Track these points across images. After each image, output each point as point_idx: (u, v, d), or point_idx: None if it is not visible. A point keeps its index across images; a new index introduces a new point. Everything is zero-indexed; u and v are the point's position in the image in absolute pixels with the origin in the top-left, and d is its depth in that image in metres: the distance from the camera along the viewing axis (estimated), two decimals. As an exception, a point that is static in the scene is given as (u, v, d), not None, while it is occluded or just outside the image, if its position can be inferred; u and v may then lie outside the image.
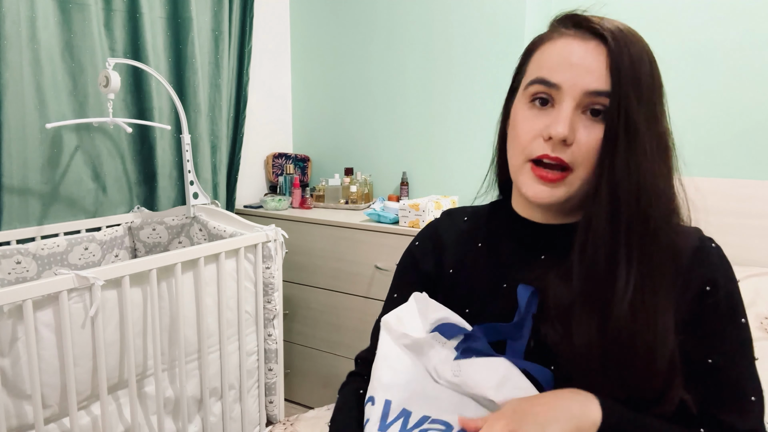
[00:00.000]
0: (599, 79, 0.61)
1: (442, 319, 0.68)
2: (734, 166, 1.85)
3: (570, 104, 0.62)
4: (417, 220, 2.03)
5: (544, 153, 0.63)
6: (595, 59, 0.62)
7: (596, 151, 0.62)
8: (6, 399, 1.26)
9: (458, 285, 0.75)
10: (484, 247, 0.76)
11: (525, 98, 0.67)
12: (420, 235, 0.85)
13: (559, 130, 0.61)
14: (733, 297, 0.64)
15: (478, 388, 0.59)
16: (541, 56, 0.66)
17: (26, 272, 1.68)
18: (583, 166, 0.62)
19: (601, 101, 0.61)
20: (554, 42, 0.66)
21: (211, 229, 1.97)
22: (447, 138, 2.39)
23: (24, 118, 1.71)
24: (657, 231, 0.61)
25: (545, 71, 0.64)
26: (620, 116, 0.60)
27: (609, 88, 0.61)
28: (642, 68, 0.62)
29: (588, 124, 0.62)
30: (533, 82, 0.65)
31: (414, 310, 0.69)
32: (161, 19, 2.09)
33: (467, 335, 0.66)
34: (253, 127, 2.59)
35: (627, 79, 0.60)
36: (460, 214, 0.83)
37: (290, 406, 2.41)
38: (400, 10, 2.42)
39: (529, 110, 0.66)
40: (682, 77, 1.91)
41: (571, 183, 0.63)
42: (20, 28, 1.67)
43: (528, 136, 0.65)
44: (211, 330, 1.75)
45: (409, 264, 0.83)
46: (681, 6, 1.89)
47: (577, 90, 0.62)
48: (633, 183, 0.60)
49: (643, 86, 0.61)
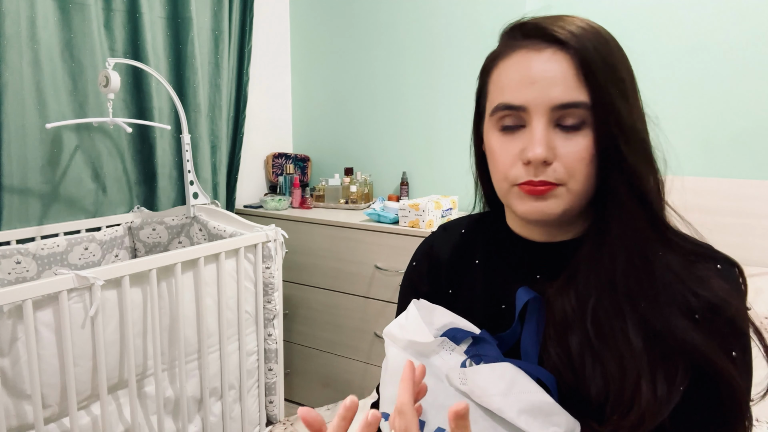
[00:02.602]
0: (566, 90, 0.57)
1: (448, 324, 0.67)
2: (734, 166, 1.85)
3: (541, 123, 0.58)
4: (417, 220, 2.03)
5: (528, 179, 0.59)
6: (557, 68, 0.57)
7: (582, 162, 0.58)
8: (6, 399, 1.26)
9: (457, 305, 0.73)
10: (480, 266, 0.74)
11: (493, 124, 0.63)
12: (416, 255, 0.82)
13: (537, 152, 0.57)
14: (728, 327, 0.58)
15: (485, 397, 0.58)
16: (500, 77, 0.62)
17: (26, 272, 1.68)
18: (573, 179, 0.59)
19: (573, 113, 0.58)
20: (509, 58, 0.61)
21: (211, 229, 1.97)
22: (447, 138, 2.39)
23: (24, 118, 1.71)
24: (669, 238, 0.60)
25: (507, 94, 0.60)
26: (611, 121, 0.57)
27: (581, 98, 0.57)
28: (618, 63, 0.58)
29: (566, 137, 0.58)
30: (497, 109, 0.61)
31: (417, 317, 0.68)
32: (161, 19, 2.09)
33: (476, 338, 0.66)
34: (253, 127, 2.59)
35: (605, 80, 0.57)
36: (457, 228, 0.80)
37: (290, 406, 2.41)
38: (400, 10, 2.42)
39: (501, 137, 0.62)
40: (682, 77, 1.91)
41: (563, 197, 0.60)
42: (20, 28, 1.67)
43: (507, 163, 0.61)
44: (211, 330, 1.75)
45: (409, 288, 0.81)
46: (681, 6, 1.89)
47: (542, 107, 0.58)
48: (648, 183, 0.59)
49: (626, 82, 0.58)
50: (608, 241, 0.60)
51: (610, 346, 0.58)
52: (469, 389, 0.59)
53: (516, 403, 0.57)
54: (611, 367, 0.57)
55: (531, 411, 0.58)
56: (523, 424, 0.56)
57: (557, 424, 0.58)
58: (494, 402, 0.58)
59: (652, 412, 0.55)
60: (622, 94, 0.58)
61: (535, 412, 0.58)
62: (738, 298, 0.59)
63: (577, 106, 0.57)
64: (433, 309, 0.69)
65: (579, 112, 0.58)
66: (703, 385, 0.57)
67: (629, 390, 0.56)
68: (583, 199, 0.61)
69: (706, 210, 1.82)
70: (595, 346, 0.58)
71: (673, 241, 0.61)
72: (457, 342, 0.66)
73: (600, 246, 0.61)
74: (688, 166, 1.92)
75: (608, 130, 0.57)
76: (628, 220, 0.59)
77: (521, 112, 0.59)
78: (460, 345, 0.66)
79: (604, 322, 0.59)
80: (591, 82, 0.57)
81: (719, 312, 0.58)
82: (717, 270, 0.59)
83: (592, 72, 0.57)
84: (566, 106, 0.57)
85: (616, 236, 0.60)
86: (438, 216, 2.08)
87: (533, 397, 0.59)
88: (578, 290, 0.61)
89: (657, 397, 0.55)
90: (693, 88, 1.90)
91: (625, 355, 0.57)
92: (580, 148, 0.58)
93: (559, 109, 0.58)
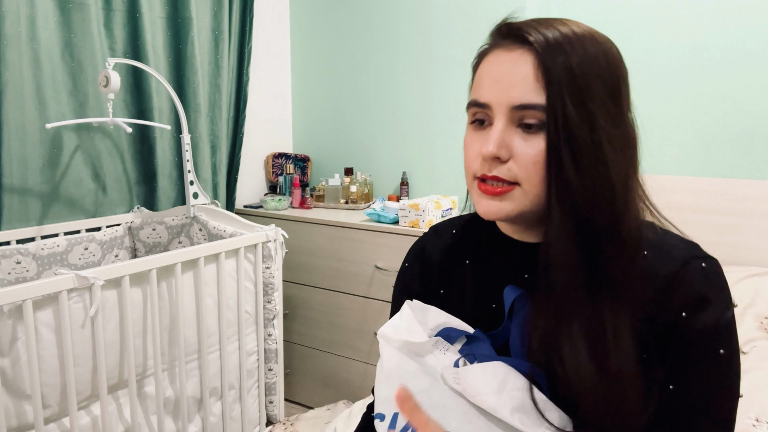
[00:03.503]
0: (524, 92, 0.58)
1: (442, 324, 0.67)
2: (734, 166, 1.85)
3: (500, 121, 0.60)
4: (417, 220, 2.03)
5: (482, 173, 0.62)
6: (521, 69, 0.58)
7: (537, 164, 0.59)
8: (6, 399, 1.26)
9: (448, 305, 0.73)
10: (471, 266, 0.75)
11: (469, 120, 0.66)
12: (408, 256, 0.83)
13: (488, 149, 0.59)
14: (715, 325, 0.58)
15: (478, 396, 0.59)
16: (479, 74, 0.64)
17: (26, 272, 1.68)
18: (527, 180, 0.59)
19: (530, 114, 0.58)
20: (488, 56, 0.63)
21: (211, 229, 1.97)
22: (447, 138, 2.39)
23: (24, 118, 1.71)
24: (627, 244, 0.59)
25: (477, 91, 0.63)
26: (558, 128, 0.57)
27: (538, 100, 0.57)
28: (586, 70, 0.57)
29: (525, 137, 0.59)
30: (470, 105, 0.64)
31: (411, 318, 0.68)
32: (161, 19, 2.09)
33: (470, 337, 0.66)
34: (253, 127, 2.59)
35: (561, 87, 0.56)
36: (449, 228, 0.81)
37: (290, 406, 2.41)
38: (400, 10, 2.42)
39: (472, 131, 0.65)
40: (682, 77, 1.91)
41: (517, 197, 0.61)
42: (20, 28, 1.67)
43: (471, 156, 0.64)
44: (211, 330, 1.75)
45: (402, 289, 0.82)
46: (681, 5, 1.89)
47: (503, 106, 0.59)
48: (588, 197, 0.58)
49: (590, 90, 0.57)
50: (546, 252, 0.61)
51: (590, 346, 0.58)
52: (462, 388, 0.59)
53: (509, 401, 0.58)
54: (592, 365, 0.57)
55: (524, 409, 0.58)
56: (518, 423, 0.57)
57: (550, 420, 0.59)
58: (487, 401, 0.58)
59: (635, 411, 0.56)
60: (580, 102, 0.57)
61: (528, 409, 0.58)
62: (723, 294, 0.59)
63: (534, 108, 0.58)
64: (426, 309, 0.69)
65: (537, 114, 0.58)
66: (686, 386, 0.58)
67: (613, 390, 0.56)
68: (541, 201, 0.60)
69: (706, 210, 1.83)
70: (576, 346, 0.59)
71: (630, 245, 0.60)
72: (452, 341, 0.66)
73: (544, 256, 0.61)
74: (687, 167, 1.92)
75: (556, 134, 0.57)
76: (558, 230, 0.59)
77: (486, 110, 0.61)
78: (455, 344, 0.66)
79: (583, 322, 0.59)
80: (548, 84, 0.57)
81: (706, 309, 0.58)
82: (702, 268, 0.59)
83: (549, 75, 0.57)
84: (524, 107, 0.58)
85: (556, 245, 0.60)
86: (438, 216, 2.08)
87: (526, 394, 0.59)
88: (557, 292, 0.61)
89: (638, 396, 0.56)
90: (693, 88, 1.90)
91: (606, 354, 0.57)
92: (535, 151, 0.59)
93: (518, 109, 0.59)
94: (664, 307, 0.59)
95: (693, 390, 0.58)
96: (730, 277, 1.68)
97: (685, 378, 0.58)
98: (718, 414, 0.58)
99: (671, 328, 0.59)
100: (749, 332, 1.49)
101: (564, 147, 0.57)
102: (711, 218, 1.82)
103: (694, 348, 0.58)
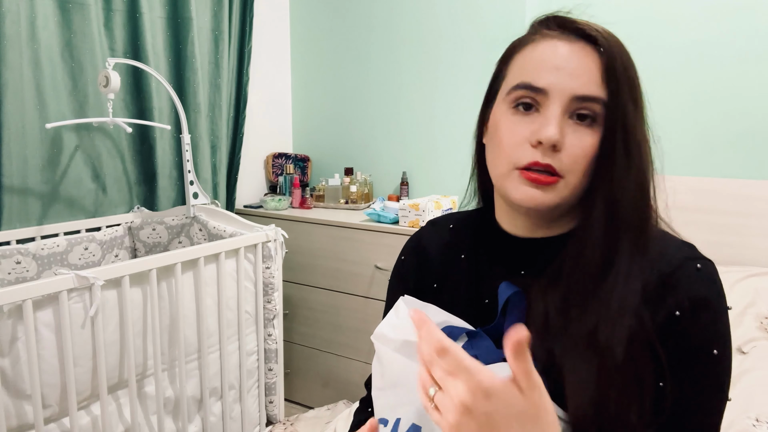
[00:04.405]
0: (588, 84, 0.59)
1: (442, 323, 0.67)
2: (734, 166, 1.85)
3: (557, 108, 0.59)
4: (417, 220, 2.03)
5: (534, 160, 0.59)
6: (582, 62, 0.59)
7: (585, 158, 0.59)
8: (6, 399, 1.26)
9: (441, 300, 0.73)
10: (466, 260, 0.74)
11: (507, 104, 0.63)
12: (405, 250, 0.83)
13: (550, 133, 0.57)
14: (709, 325, 0.58)
15: None
16: (523, 60, 0.63)
17: (26, 272, 1.68)
18: (572, 173, 0.59)
19: (589, 106, 0.59)
20: (537, 44, 0.62)
21: (211, 229, 1.97)
22: (447, 138, 2.39)
23: (24, 118, 1.71)
24: (650, 242, 0.60)
25: (529, 75, 0.61)
26: (618, 125, 0.58)
27: (600, 94, 0.59)
28: (633, 73, 0.61)
29: (576, 129, 0.59)
30: (517, 87, 0.61)
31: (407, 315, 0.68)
32: (161, 19, 2.09)
33: (470, 334, 0.66)
34: (253, 127, 2.59)
35: (623, 86, 0.59)
36: (446, 223, 0.81)
37: (290, 406, 2.41)
38: (400, 10, 2.42)
39: (512, 116, 0.62)
40: (682, 77, 1.91)
41: (560, 190, 0.60)
42: (20, 28, 1.67)
43: (513, 143, 0.61)
44: (211, 330, 1.75)
45: (397, 283, 0.82)
46: (682, 5, 1.89)
47: (565, 94, 0.59)
48: (630, 195, 0.59)
49: (638, 90, 0.61)
50: (582, 245, 0.61)
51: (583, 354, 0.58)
52: None
53: None
54: (586, 376, 0.57)
55: None
56: None
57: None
58: None
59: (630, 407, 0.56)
60: (634, 100, 0.60)
61: None
62: (718, 295, 0.59)
63: (595, 101, 0.59)
64: (425, 307, 0.69)
65: (595, 107, 0.59)
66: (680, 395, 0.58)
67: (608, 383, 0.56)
68: (576, 194, 0.62)
69: (706, 210, 1.82)
70: (570, 353, 0.59)
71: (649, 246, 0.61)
72: (454, 339, 0.66)
73: (578, 248, 0.62)
74: (688, 166, 1.92)
75: (614, 131, 0.59)
76: (597, 225, 0.60)
77: (540, 95, 0.60)
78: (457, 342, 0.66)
79: (582, 327, 0.59)
80: (611, 82, 0.59)
81: (701, 309, 0.58)
82: (697, 269, 0.60)
83: (614, 73, 0.59)
84: (585, 99, 0.59)
85: (587, 241, 0.61)
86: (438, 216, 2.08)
87: None
88: (560, 292, 0.62)
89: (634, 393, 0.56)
90: (693, 88, 1.90)
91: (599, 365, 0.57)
92: (587, 143, 0.59)
93: (577, 100, 0.59)
94: (659, 306, 0.59)
95: (684, 389, 0.58)
96: (730, 277, 1.69)
97: (676, 377, 0.58)
98: (706, 414, 0.58)
99: (665, 327, 0.59)
100: (749, 332, 1.49)
101: (619, 143, 0.58)
102: (711, 218, 1.82)
103: (687, 347, 0.58)
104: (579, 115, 0.59)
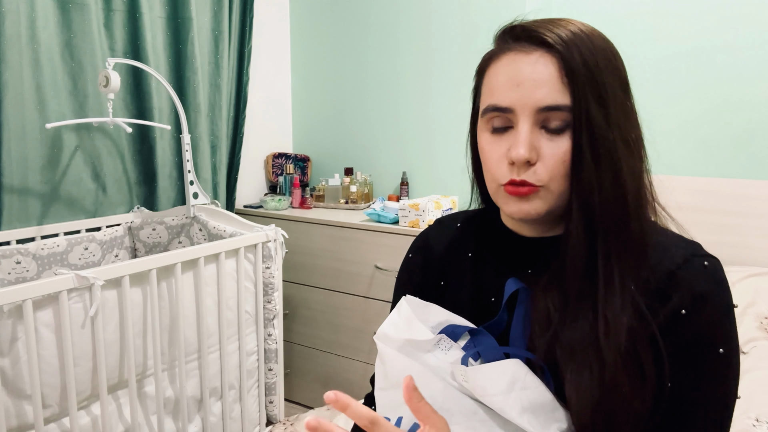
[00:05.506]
0: (550, 93, 0.58)
1: (444, 323, 0.67)
2: (734, 166, 1.85)
3: (526, 124, 0.59)
4: (417, 220, 2.03)
5: (511, 178, 0.61)
6: (542, 72, 0.58)
7: (564, 164, 0.60)
8: (6, 399, 1.26)
9: (446, 297, 0.74)
10: (472, 259, 0.75)
11: (484, 125, 0.65)
12: (412, 248, 0.84)
13: (518, 154, 0.59)
14: (715, 323, 0.58)
15: (486, 397, 0.58)
16: (490, 78, 0.63)
17: (26, 272, 1.68)
18: (553, 180, 0.60)
19: (556, 115, 0.59)
20: (499, 60, 0.62)
21: (211, 229, 1.97)
22: (447, 138, 2.39)
23: (24, 118, 1.71)
24: (633, 242, 0.60)
25: (494, 96, 0.62)
26: (583, 128, 0.58)
27: (563, 101, 0.58)
28: (601, 67, 0.59)
29: (551, 138, 0.60)
30: (486, 110, 0.63)
31: (410, 315, 0.68)
32: (161, 19, 2.09)
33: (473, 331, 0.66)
34: (253, 127, 2.59)
35: (585, 87, 0.57)
36: (453, 221, 0.82)
37: (290, 406, 2.41)
38: (400, 10, 2.42)
39: (490, 137, 0.64)
40: (682, 77, 1.91)
41: (545, 198, 0.61)
42: (20, 28, 1.67)
43: (494, 161, 0.63)
44: (211, 330, 1.75)
45: (405, 280, 0.82)
46: (681, 5, 1.89)
47: (529, 109, 0.59)
48: (604, 197, 0.59)
49: (607, 87, 0.59)
50: (566, 248, 0.62)
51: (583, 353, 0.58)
52: (471, 387, 0.59)
53: (517, 402, 0.58)
54: (584, 377, 0.58)
55: (533, 409, 0.58)
56: (526, 424, 0.56)
57: (559, 419, 0.58)
58: (495, 402, 0.58)
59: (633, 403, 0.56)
60: (601, 100, 0.58)
61: (537, 409, 0.58)
62: (724, 292, 0.59)
63: (560, 109, 0.58)
64: (427, 307, 0.69)
65: (562, 114, 0.59)
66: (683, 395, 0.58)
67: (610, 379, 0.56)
68: (566, 197, 0.62)
69: (706, 210, 1.83)
70: (572, 351, 0.59)
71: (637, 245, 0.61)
72: (456, 338, 0.66)
73: (563, 251, 0.62)
74: (688, 166, 1.92)
75: (580, 135, 0.58)
76: (574, 229, 0.61)
77: (508, 114, 0.61)
78: (459, 341, 0.66)
79: (577, 328, 0.59)
80: (572, 84, 0.58)
81: (707, 307, 0.58)
82: (704, 267, 0.60)
83: (573, 75, 0.58)
84: (550, 109, 0.58)
85: (569, 244, 0.61)
86: (438, 216, 2.08)
87: (534, 393, 0.59)
88: (559, 291, 0.62)
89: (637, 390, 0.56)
90: (693, 88, 1.90)
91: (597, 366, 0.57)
92: (563, 150, 0.59)
93: (543, 111, 0.59)
94: (665, 303, 0.59)
95: (690, 388, 0.58)
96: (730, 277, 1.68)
97: (683, 375, 0.58)
98: (714, 413, 0.58)
99: (670, 324, 0.58)
100: (749, 332, 1.49)
101: (586, 146, 0.58)
102: (711, 218, 1.82)
103: (693, 345, 0.58)
104: (550, 126, 0.60)
